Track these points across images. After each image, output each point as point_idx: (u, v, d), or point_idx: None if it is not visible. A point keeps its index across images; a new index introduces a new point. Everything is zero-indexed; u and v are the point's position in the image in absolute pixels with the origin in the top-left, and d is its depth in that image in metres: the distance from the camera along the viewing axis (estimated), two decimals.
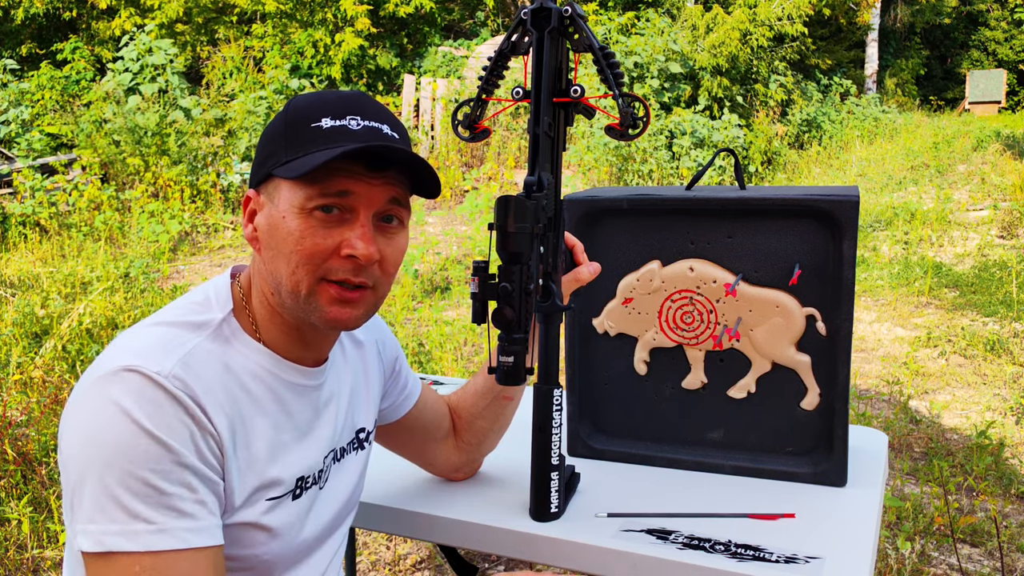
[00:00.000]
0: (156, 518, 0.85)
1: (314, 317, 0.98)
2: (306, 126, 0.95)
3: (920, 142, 12.78)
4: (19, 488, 2.98)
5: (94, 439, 0.85)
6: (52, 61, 12.14)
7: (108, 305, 4.82)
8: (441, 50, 12.97)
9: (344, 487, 1.13)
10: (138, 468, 0.85)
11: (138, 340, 0.93)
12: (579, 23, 1.13)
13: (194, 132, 9.01)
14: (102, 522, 0.84)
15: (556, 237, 1.17)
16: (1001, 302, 5.42)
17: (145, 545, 0.84)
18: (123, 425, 0.85)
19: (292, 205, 0.94)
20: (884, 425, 3.63)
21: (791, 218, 1.33)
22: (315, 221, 0.94)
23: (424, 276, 6.07)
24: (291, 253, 0.95)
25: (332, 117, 0.96)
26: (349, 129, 0.95)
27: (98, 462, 0.85)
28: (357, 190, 0.95)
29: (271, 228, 0.96)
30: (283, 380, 1.01)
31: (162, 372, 0.88)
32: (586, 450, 1.50)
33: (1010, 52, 22.05)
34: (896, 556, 2.55)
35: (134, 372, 0.87)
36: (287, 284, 0.96)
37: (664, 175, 9.32)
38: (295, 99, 1.00)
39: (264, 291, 1.00)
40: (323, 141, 0.94)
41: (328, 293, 0.96)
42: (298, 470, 1.02)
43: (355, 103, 0.98)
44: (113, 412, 0.86)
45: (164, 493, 0.86)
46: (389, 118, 1.00)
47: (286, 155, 0.95)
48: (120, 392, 0.87)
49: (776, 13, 11.96)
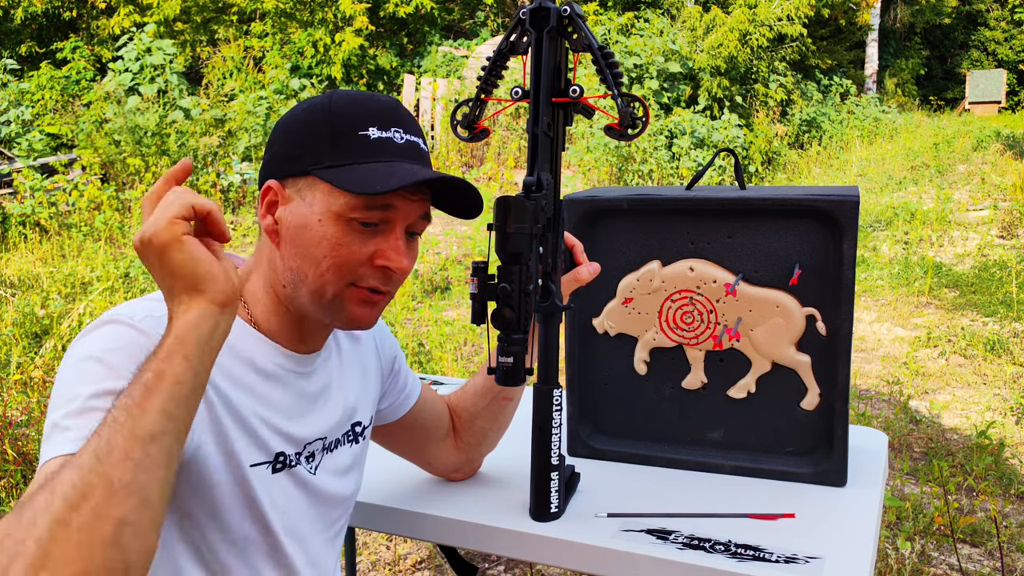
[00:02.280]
0: (74, 424, 0.82)
1: (336, 318, 1.00)
2: (353, 133, 0.97)
3: (920, 142, 12.78)
4: (19, 488, 2.98)
5: (59, 383, 0.87)
6: (52, 61, 12.14)
7: (108, 305, 4.82)
8: (441, 50, 12.97)
9: (337, 478, 1.13)
10: (80, 388, 0.85)
11: (125, 305, 0.95)
12: (578, 23, 1.13)
13: (194, 132, 9.00)
14: (45, 452, 0.82)
15: (555, 237, 1.17)
16: (1001, 302, 5.42)
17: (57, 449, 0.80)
18: (82, 361, 0.87)
19: (330, 210, 0.95)
20: (884, 425, 3.63)
21: (791, 218, 1.33)
22: (352, 230, 0.96)
23: (424, 276, 6.07)
24: (324, 257, 0.96)
25: (379, 127, 0.98)
26: (394, 143, 0.98)
27: (56, 403, 0.85)
28: (399, 205, 0.97)
29: (300, 227, 0.97)
30: (271, 360, 1.02)
31: (136, 316, 0.91)
32: (586, 450, 1.50)
33: (1010, 52, 22.05)
34: (896, 556, 2.55)
35: (110, 323, 0.91)
36: (312, 284, 0.97)
37: (664, 175, 9.32)
38: (336, 97, 1.00)
39: (274, 282, 1.01)
40: (371, 153, 0.96)
41: (355, 296, 0.99)
42: (276, 444, 1.03)
43: (397, 114, 1.00)
44: (94, 337, 0.89)
45: (94, 408, 0.83)
46: (420, 130, 1.03)
47: (331, 159, 0.96)
48: (92, 339, 0.90)
49: (776, 14, 11.96)
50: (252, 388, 1.00)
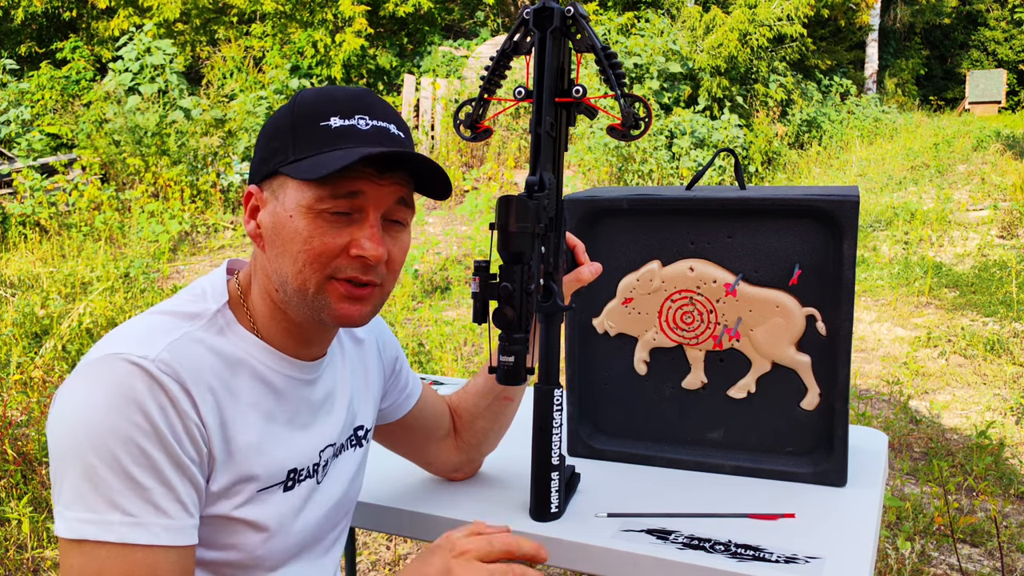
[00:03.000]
0: (133, 510, 0.85)
1: (323, 315, 0.98)
2: (315, 124, 0.95)
3: (920, 142, 12.78)
4: (19, 488, 2.98)
5: (78, 425, 0.86)
6: (52, 61, 12.14)
7: (108, 305, 4.82)
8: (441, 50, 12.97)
9: (341, 484, 1.13)
10: (118, 456, 0.85)
11: (130, 328, 0.94)
12: (581, 23, 1.13)
13: (194, 132, 9.00)
14: (79, 509, 0.84)
15: (557, 237, 1.17)
16: (1001, 302, 5.42)
17: (118, 536, 0.84)
18: (113, 409, 0.86)
19: (300, 204, 0.94)
20: (884, 425, 3.63)
21: (791, 218, 1.34)
22: (324, 221, 0.94)
23: (424, 276, 6.07)
24: (299, 252, 0.95)
25: (341, 116, 0.96)
26: (358, 129, 0.96)
27: (80, 448, 0.85)
28: (367, 191, 0.95)
29: (276, 226, 0.96)
30: (277, 372, 1.01)
31: (148, 356, 0.89)
32: (586, 450, 1.50)
33: (1010, 52, 22.05)
34: (896, 556, 2.55)
35: (120, 358, 0.88)
36: (293, 282, 0.96)
37: (664, 175, 9.32)
38: (301, 94, 0.99)
39: (267, 287, 1.00)
40: (333, 141, 0.94)
41: (337, 291, 0.97)
42: (290, 462, 1.02)
43: (362, 101, 0.98)
44: (103, 397, 0.86)
45: (143, 486, 0.86)
46: (395, 117, 1.00)
47: (294, 153, 0.95)
48: (104, 378, 0.87)
49: (776, 14, 11.96)
50: (258, 401, 0.99)
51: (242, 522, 0.97)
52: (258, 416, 0.99)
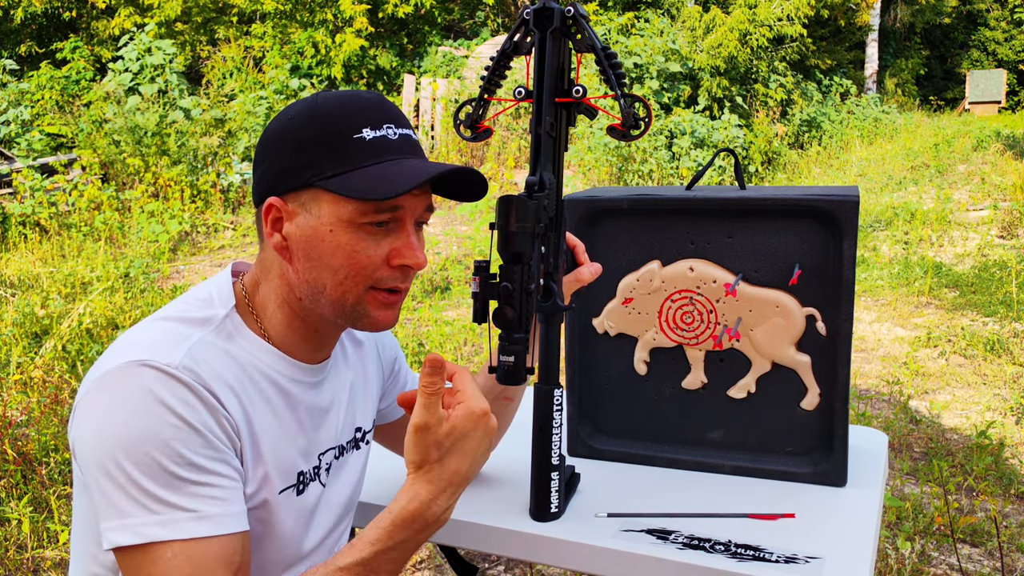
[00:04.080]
0: (193, 504, 0.86)
1: (360, 323, 1.00)
2: (347, 137, 0.95)
3: (920, 142, 12.78)
4: (19, 488, 2.98)
5: (117, 433, 0.86)
6: (52, 61, 12.13)
7: (108, 305, 4.82)
8: (441, 50, 12.97)
9: (345, 486, 1.14)
10: (164, 458, 0.86)
11: (144, 335, 0.94)
12: (581, 23, 1.13)
13: (194, 132, 9.00)
14: (139, 515, 0.85)
15: (557, 237, 1.17)
16: (1001, 302, 5.42)
17: (185, 532, 0.85)
18: (148, 415, 0.86)
19: (340, 219, 0.95)
20: (884, 425, 3.63)
21: (791, 218, 1.34)
22: (365, 234, 0.96)
23: (424, 276, 6.07)
24: (341, 266, 0.96)
25: (371, 127, 0.96)
26: (389, 140, 0.97)
27: (124, 456, 0.85)
28: (406, 203, 0.97)
29: (312, 240, 0.96)
30: (286, 375, 1.02)
31: (172, 364, 0.89)
32: (586, 450, 1.50)
33: (1010, 52, 22.05)
34: (896, 556, 2.55)
35: (146, 366, 0.88)
36: (332, 293, 0.97)
37: (664, 175, 9.32)
38: (319, 103, 0.98)
39: (288, 297, 1.00)
40: (370, 155, 0.95)
41: (377, 300, 0.99)
42: (299, 464, 1.03)
43: (384, 110, 0.99)
44: (135, 403, 0.87)
45: (195, 482, 0.87)
46: (407, 120, 1.02)
47: (331, 168, 0.95)
48: (137, 384, 0.87)
49: (776, 14, 11.96)
50: (271, 404, 1.00)
51: (258, 522, 0.98)
52: (271, 419, 1.00)
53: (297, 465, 1.03)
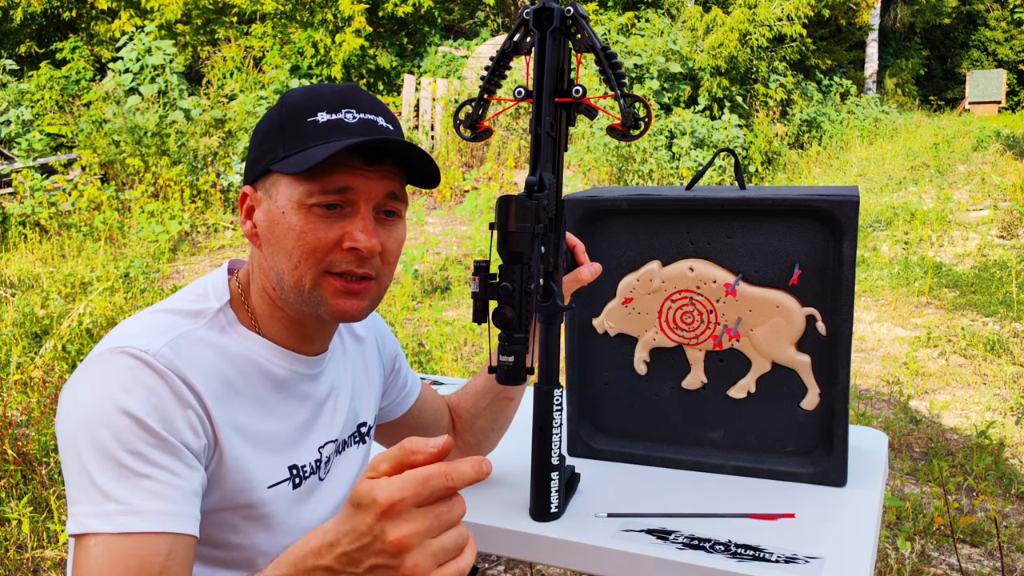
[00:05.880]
0: (127, 498, 0.84)
1: (321, 310, 0.98)
2: (302, 120, 0.96)
3: (920, 142, 12.78)
4: (19, 488, 2.98)
5: (76, 420, 0.86)
6: (52, 61, 12.14)
7: (108, 305, 4.82)
8: (441, 50, 12.97)
9: (344, 481, 1.13)
10: (113, 446, 0.85)
11: (132, 325, 0.94)
12: (581, 23, 1.13)
13: (194, 132, 9.00)
14: (83, 503, 0.84)
15: (557, 237, 1.17)
16: (1001, 302, 5.42)
17: (113, 525, 0.83)
18: (101, 404, 0.86)
19: (291, 201, 0.95)
20: (884, 425, 3.63)
21: (791, 218, 1.34)
22: (315, 216, 0.95)
23: (424, 276, 6.07)
24: (292, 249, 0.95)
25: (328, 111, 0.97)
26: (345, 123, 0.96)
27: (79, 442, 0.85)
28: (356, 184, 0.96)
29: (270, 224, 0.97)
30: (280, 367, 1.02)
31: (150, 350, 0.89)
32: (586, 450, 1.50)
33: (1010, 52, 22.05)
34: (896, 556, 2.55)
35: (123, 352, 0.89)
36: (290, 279, 0.97)
37: (664, 175, 9.32)
38: (288, 94, 1.00)
39: (265, 286, 1.01)
40: (320, 136, 0.95)
41: (333, 286, 0.97)
42: (292, 458, 1.03)
43: (349, 96, 0.99)
44: (93, 392, 0.87)
45: (138, 474, 0.85)
46: (383, 110, 1.01)
47: (283, 150, 0.96)
48: (104, 372, 0.88)
49: (776, 14, 11.96)
50: (261, 398, 1.00)
51: (251, 519, 0.97)
52: (261, 411, 0.99)
53: (288, 459, 1.02)
